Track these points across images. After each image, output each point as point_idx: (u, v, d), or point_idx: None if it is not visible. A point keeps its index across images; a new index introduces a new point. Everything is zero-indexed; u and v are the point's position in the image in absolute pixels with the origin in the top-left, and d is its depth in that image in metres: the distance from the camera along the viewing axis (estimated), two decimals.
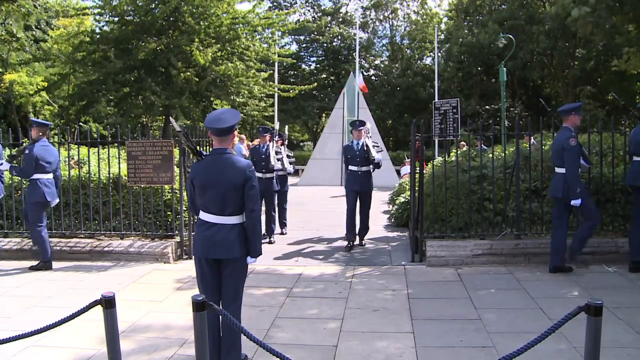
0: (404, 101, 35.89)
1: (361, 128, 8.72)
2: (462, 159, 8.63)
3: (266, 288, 6.52)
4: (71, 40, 20.34)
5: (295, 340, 4.85)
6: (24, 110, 28.86)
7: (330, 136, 22.13)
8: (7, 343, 3.32)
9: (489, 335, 4.86)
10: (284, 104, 31.53)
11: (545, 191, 7.92)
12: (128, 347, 4.58)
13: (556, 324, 2.86)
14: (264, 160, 9.36)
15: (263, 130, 9.64)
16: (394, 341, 4.78)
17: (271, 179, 9.49)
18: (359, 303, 5.91)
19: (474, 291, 6.26)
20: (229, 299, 4.04)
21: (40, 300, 6.17)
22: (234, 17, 19.62)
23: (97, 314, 3.32)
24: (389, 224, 11.24)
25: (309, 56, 41.94)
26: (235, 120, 3.99)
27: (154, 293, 6.40)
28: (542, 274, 6.91)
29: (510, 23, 27.91)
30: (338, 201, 15.60)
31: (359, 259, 8.11)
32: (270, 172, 9.45)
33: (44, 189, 7.49)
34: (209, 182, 3.92)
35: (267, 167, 9.38)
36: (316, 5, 42.44)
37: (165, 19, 18.56)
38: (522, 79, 32.73)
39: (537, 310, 5.53)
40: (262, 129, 9.68)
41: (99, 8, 19.12)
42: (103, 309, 3.16)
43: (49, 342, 4.71)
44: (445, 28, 36.60)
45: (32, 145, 7.50)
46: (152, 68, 19.27)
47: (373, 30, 42.87)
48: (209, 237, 3.93)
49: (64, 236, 8.50)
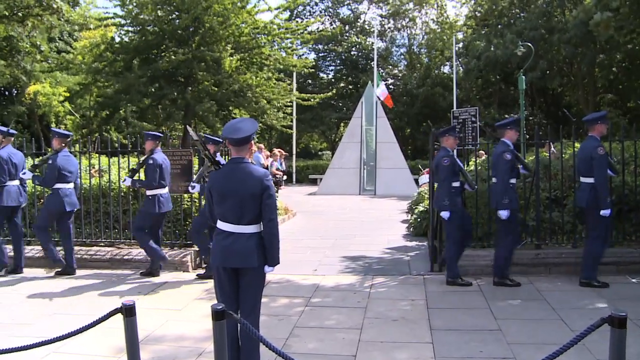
0: (422, 110, 35.77)
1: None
2: (481, 168, 8.57)
3: (284, 298, 6.50)
4: (93, 50, 20.61)
5: (314, 350, 4.82)
6: (46, 120, 29.27)
7: (348, 145, 22.13)
8: (30, 349, 3.35)
9: (510, 346, 4.80)
10: (302, 114, 31.61)
11: (565, 200, 7.84)
12: (146, 356, 4.58)
13: (579, 335, 2.82)
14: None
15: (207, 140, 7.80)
16: (414, 352, 4.74)
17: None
18: (378, 313, 5.88)
19: (493, 301, 6.20)
20: (247, 308, 4.03)
21: (62, 308, 6.22)
22: (254, 27, 19.74)
23: (116, 322, 3.33)
24: (407, 234, 11.18)
25: (327, 65, 42.02)
26: (252, 129, 4.00)
27: (172, 302, 6.42)
28: (564, 285, 6.82)
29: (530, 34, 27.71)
30: (357, 210, 15.58)
31: (377, 269, 8.07)
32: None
33: (64, 198, 7.62)
34: (226, 191, 3.93)
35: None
36: (334, 14, 42.59)
37: (184, 28, 18.72)
38: (542, 87, 32.48)
39: (559, 322, 5.45)
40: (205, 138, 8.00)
41: (120, 18, 19.35)
42: (123, 317, 3.17)
43: (69, 349, 4.73)
44: (463, 37, 36.48)
45: (55, 156, 7.63)
46: (173, 78, 19.43)
47: (391, 39, 42.88)
48: (226, 246, 3.94)
49: (84, 244, 8.58)
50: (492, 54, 29.19)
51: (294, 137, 28.95)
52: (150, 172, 7.47)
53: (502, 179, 6.79)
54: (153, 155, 7.53)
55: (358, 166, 21.48)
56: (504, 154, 6.80)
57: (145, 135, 7.81)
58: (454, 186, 7.09)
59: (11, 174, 7.79)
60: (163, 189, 7.60)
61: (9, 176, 7.76)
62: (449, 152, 7.17)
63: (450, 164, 7.04)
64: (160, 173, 7.49)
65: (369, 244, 9.98)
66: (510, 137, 7.01)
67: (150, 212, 7.51)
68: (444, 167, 7.04)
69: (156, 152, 7.60)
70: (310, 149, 47.07)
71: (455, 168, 7.12)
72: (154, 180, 7.45)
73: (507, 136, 7.01)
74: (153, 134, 7.79)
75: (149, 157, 7.53)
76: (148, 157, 7.54)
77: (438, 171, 7.18)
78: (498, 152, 6.95)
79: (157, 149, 7.66)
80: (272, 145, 33.93)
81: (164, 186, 7.60)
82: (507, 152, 6.81)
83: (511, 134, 7.02)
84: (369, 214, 14.56)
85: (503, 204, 6.70)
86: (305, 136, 42.91)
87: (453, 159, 7.12)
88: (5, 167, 7.72)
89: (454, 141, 7.34)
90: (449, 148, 7.24)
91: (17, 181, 7.89)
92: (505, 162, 6.78)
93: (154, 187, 7.49)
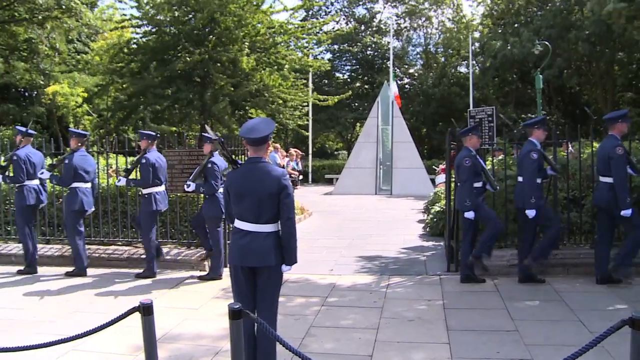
0: (438, 110, 35.60)
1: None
2: (498, 168, 8.51)
3: (300, 297, 6.52)
4: (110, 51, 20.76)
5: (330, 350, 4.83)
6: (65, 120, 29.57)
7: (364, 145, 22.08)
8: (50, 347, 3.39)
9: (527, 347, 4.77)
10: (317, 114, 31.61)
11: (584, 200, 7.77)
12: (163, 354, 4.62)
13: (598, 337, 2.79)
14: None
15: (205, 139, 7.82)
16: (430, 352, 4.73)
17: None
18: (394, 313, 5.87)
19: (510, 302, 6.16)
20: (264, 307, 4.04)
21: (80, 306, 6.29)
22: (270, 27, 19.77)
23: (134, 321, 3.36)
24: (424, 233, 11.14)
25: (343, 65, 41.96)
26: (269, 129, 4.02)
27: (189, 301, 6.46)
28: (582, 285, 6.76)
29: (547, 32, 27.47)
30: (373, 210, 15.56)
31: (393, 269, 8.06)
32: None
33: (82, 197, 7.69)
34: (244, 191, 3.95)
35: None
36: (350, 14, 42.54)
37: (201, 29, 18.79)
38: (559, 86, 32.19)
39: (577, 323, 5.40)
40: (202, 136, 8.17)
41: (137, 19, 19.48)
42: (141, 316, 3.20)
43: (88, 347, 4.79)
44: (479, 37, 36.26)
45: (72, 155, 7.71)
46: (189, 78, 19.51)
47: (407, 38, 42.71)
48: (244, 245, 3.95)
49: (102, 243, 8.67)
50: (508, 52, 28.99)
51: (310, 137, 28.96)
52: (143, 171, 7.56)
53: (528, 179, 6.71)
54: (146, 154, 7.61)
55: (374, 166, 21.42)
56: (531, 153, 6.72)
57: (140, 135, 7.89)
58: (475, 186, 7.04)
59: (29, 173, 7.90)
60: (158, 187, 7.68)
61: (28, 176, 7.88)
62: (470, 152, 7.11)
63: (472, 164, 6.99)
64: (153, 172, 7.57)
65: (385, 244, 9.96)
66: (538, 136, 6.94)
67: (147, 211, 7.62)
68: (466, 167, 6.98)
69: (150, 152, 7.68)
70: (326, 149, 47.04)
71: (477, 168, 7.06)
72: (147, 179, 7.54)
73: (535, 135, 6.93)
74: (147, 134, 7.85)
75: (142, 156, 7.63)
76: (141, 156, 7.64)
77: (459, 171, 7.11)
78: (525, 151, 6.86)
79: (152, 148, 7.75)
80: (288, 145, 33.95)
81: (158, 184, 7.68)
82: (533, 152, 6.73)
83: (538, 133, 6.94)
84: (385, 214, 14.53)
85: (530, 204, 6.62)
86: (321, 136, 42.89)
87: (475, 159, 7.06)
88: (23, 167, 7.83)
89: (477, 140, 7.26)
90: (472, 148, 7.17)
91: (37, 180, 8.01)
92: (531, 161, 6.70)
93: (148, 186, 7.59)
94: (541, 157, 6.83)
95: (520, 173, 6.98)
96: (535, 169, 6.72)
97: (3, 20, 19.67)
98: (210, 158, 7.36)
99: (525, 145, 7.00)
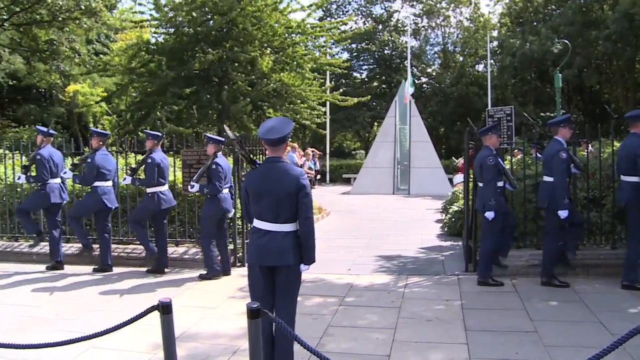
0: (456, 109, 35.41)
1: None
2: (516, 167, 8.45)
3: (318, 297, 6.53)
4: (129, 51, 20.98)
5: (347, 350, 4.83)
6: (85, 120, 29.92)
7: (382, 145, 22.02)
8: (70, 344, 3.43)
9: (546, 348, 4.73)
10: (335, 113, 31.60)
11: (604, 200, 7.68)
12: (181, 353, 4.65)
13: (620, 339, 2.75)
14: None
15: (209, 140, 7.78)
16: (448, 352, 4.71)
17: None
18: (412, 313, 5.86)
19: (529, 302, 6.12)
20: (283, 307, 4.05)
21: (100, 304, 6.37)
22: (287, 27, 19.81)
23: (152, 319, 3.39)
24: (441, 233, 11.10)
25: (361, 65, 41.92)
26: (288, 129, 4.02)
27: (207, 300, 6.50)
28: (602, 287, 6.69)
29: (566, 29, 27.19)
30: (390, 210, 15.53)
31: (411, 269, 8.04)
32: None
33: (102, 196, 7.81)
34: (263, 190, 3.97)
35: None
36: (367, 13, 42.47)
37: (219, 30, 18.89)
38: (579, 85, 31.85)
39: (597, 324, 5.35)
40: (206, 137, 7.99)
41: (156, 20, 19.64)
42: (160, 315, 3.22)
43: (107, 345, 4.84)
44: (498, 36, 35.99)
45: (94, 154, 7.83)
46: (207, 79, 19.62)
47: (425, 37, 42.55)
48: (263, 244, 3.97)
49: (121, 242, 8.74)
50: (527, 50, 28.74)
51: (328, 137, 28.97)
52: (148, 170, 7.67)
53: (559, 178, 6.59)
54: (152, 154, 7.72)
55: (392, 165, 21.35)
56: (560, 152, 6.61)
57: (146, 135, 8.00)
58: (498, 186, 6.98)
59: (52, 172, 8.05)
60: (162, 186, 7.79)
61: (51, 175, 8.02)
62: (492, 151, 7.04)
63: (495, 163, 6.93)
64: (159, 171, 7.68)
65: (403, 244, 9.94)
66: (564, 134, 6.86)
67: (148, 208, 7.74)
68: (490, 166, 6.92)
69: (155, 152, 7.78)
70: (344, 148, 47.03)
71: (500, 167, 7.02)
72: (152, 179, 7.65)
73: (561, 134, 6.84)
74: (153, 134, 7.96)
75: (147, 156, 7.73)
76: (147, 156, 7.74)
77: (482, 171, 7.03)
78: (553, 150, 6.74)
79: (157, 148, 7.85)
80: (305, 144, 34.01)
81: (163, 184, 7.79)
82: (562, 151, 6.63)
83: (564, 132, 6.86)
84: (403, 214, 14.49)
85: (563, 204, 6.51)
86: (338, 135, 42.87)
87: (497, 158, 7.00)
88: (47, 165, 7.99)
89: (496, 140, 7.21)
90: (492, 147, 7.11)
91: (59, 179, 8.14)
92: (561, 161, 6.59)
93: (153, 185, 7.69)
94: (569, 156, 6.75)
95: (547, 173, 6.87)
96: (565, 168, 6.62)
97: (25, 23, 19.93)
98: (214, 159, 7.41)
99: (552, 144, 6.88)
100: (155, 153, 7.75)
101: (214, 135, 7.90)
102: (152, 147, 7.80)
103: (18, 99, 31.64)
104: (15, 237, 9.24)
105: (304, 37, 20.29)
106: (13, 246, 8.96)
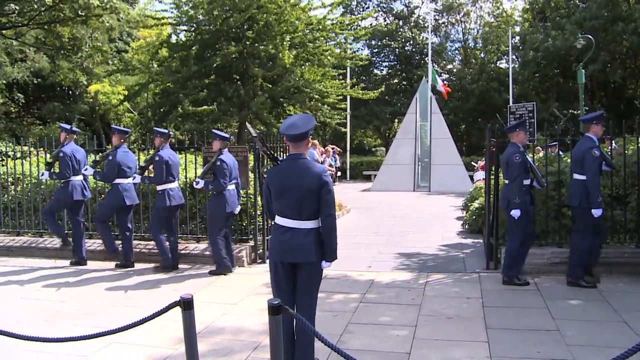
0: (477, 106, 35.15)
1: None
2: (538, 164, 8.37)
3: (339, 294, 6.54)
4: (150, 49, 21.15)
5: (367, 347, 4.84)
6: (107, 118, 30.25)
7: (402, 141, 21.96)
8: (92, 339, 3.49)
9: (569, 347, 4.69)
10: (356, 109, 31.56)
11: (628, 198, 7.58)
12: (203, 348, 4.68)
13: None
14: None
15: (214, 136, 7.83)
16: (469, 350, 4.70)
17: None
18: (432, 310, 5.85)
19: (551, 301, 6.07)
20: (304, 303, 4.08)
21: (122, 299, 6.46)
22: (308, 23, 19.82)
23: (174, 315, 3.43)
24: (462, 231, 11.04)
25: (381, 61, 41.83)
26: (309, 126, 4.03)
27: (228, 296, 6.55)
28: (626, 286, 6.61)
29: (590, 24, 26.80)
30: (411, 207, 15.49)
31: (431, 266, 8.02)
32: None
33: (123, 193, 7.91)
34: (285, 187, 3.99)
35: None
36: (388, 9, 42.31)
37: (239, 27, 18.97)
38: (602, 80, 31.39)
39: (621, 324, 5.29)
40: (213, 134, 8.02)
41: (177, 18, 19.77)
42: (182, 311, 3.25)
43: (129, 340, 4.90)
44: (520, 31, 35.62)
45: (115, 152, 7.92)
46: (227, 75, 19.71)
47: (445, 34, 42.30)
48: (284, 241, 3.99)
49: (143, 239, 8.82)
50: (550, 45, 28.40)
51: (348, 134, 28.96)
52: (157, 168, 7.72)
53: (592, 177, 6.46)
54: (160, 152, 7.75)
55: (412, 162, 21.29)
56: (592, 150, 6.49)
57: (155, 132, 8.03)
58: (525, 184, 6.84)
59: (75, 169, 8.16)
60: (171, 183, 7.81)
61: (73, 172, 8.14)
62: (519, 148, 6.89)
63: (522, 160, 6.81)
64: (167, 169, 7.71)
65: (424, 241, 9.92)
66: (596, 132, 6.71)
67: (163, 207, 7.76)
68: (516, 164, 6.76)
69: (163, 149, 7.81)
70: (364, 145, 46.96)
71: (527, 164, 6.89)
72: (161, 176, 7.69)
73: (593, 131, 6.70)
74: (161, 131, 8.00)
75: (156, 153, 7.77)
76: (155, 153, 7.78)
77: (509, 168, 6.90)
78: (585, 148, 6.60)
79: (165, 146, 7.88)
80: (326, 141, 34.03)
81: (172, 181, 7.82)
82: (595, 149, 6.50)
83: (597, 129, 6.71)
84: (423, 211, 14.45)
85: (597, 203, 6.40)
86: (359, 132, 42.83)
87: (524, 155, 6.87)
88: (70, 163, 8.11)
89: (524, 136, 7.04)
90: (519, 144, 6.96)
91: (81, 176, 8.25)
92: (594, 158, 6.46)
93: (162, 183, 7.72)
94: (602, 153, 6.63)
95: (577, 170, 6.71)
96: (598, 166, 6.50)
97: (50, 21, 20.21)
98: (220, 155, 7.43)
99: (583, 141, 6.75)
100: (163, 150, 7.78)
101: (220, 132, 7.92)
102: (160, 144, 7.81)
103: (43, 97, 32.13)
104: (40, 233, 9.39)
105: (324, 34, 20.29)
106: (38, 242, 9.11)
